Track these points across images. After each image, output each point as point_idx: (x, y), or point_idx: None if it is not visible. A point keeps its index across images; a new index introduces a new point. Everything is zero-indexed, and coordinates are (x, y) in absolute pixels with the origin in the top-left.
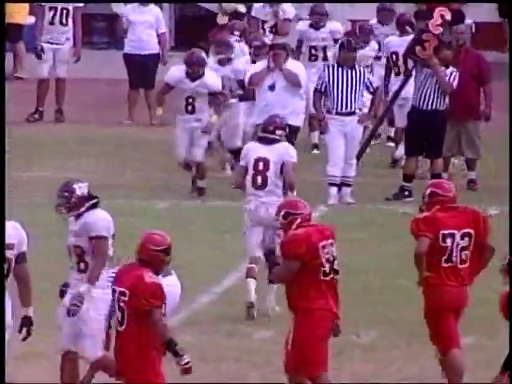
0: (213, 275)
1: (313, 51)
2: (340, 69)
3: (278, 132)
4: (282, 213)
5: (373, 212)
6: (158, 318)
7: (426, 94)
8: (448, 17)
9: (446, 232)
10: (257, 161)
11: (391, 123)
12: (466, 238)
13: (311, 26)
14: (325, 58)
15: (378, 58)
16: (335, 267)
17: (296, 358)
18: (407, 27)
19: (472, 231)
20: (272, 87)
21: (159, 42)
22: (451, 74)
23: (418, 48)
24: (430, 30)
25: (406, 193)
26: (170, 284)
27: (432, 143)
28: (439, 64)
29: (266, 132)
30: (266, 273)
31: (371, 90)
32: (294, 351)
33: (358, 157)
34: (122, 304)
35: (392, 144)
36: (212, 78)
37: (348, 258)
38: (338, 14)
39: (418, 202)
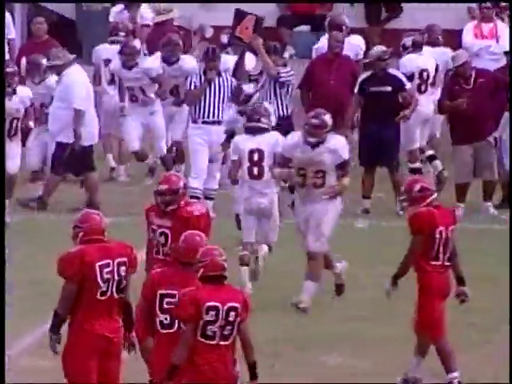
0: None
1: (131, 92)
2: (206, 77)
3: (264, 120)
4: (72, 225)
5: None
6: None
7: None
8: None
9: None
10: (251, 152)
11: None
12: None
13: (124, 65)
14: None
15: None
16: (121, 287)
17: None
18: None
19: None
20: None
21: (9, 49)
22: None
23: (238, 29)
24: (248, 12)
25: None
26: None
27: None
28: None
29: (252, 121)
30: None
31: None
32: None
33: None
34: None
35: None
36: None
37: None
38: (199, 18)
39: None
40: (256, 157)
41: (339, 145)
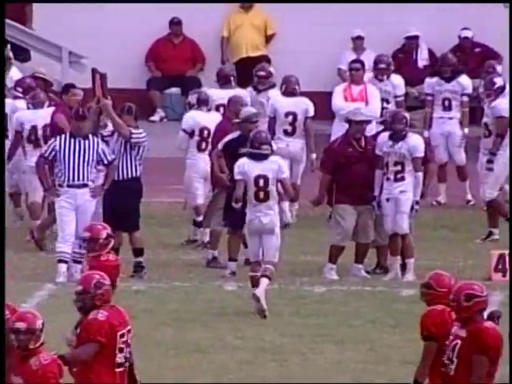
0: None
1: None
2: (72, 139)
3: (264, 147)
4: None
5: None
6: None
7: (121, 163)
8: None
9: None
10: (257, 178)
11: None
12: None
13: None
14: None
15: None
16: None
17: None
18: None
19: None
20: None
21: None
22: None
23: (96, 89)
24: (97, 71)
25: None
26: None
27: (124, 215)
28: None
29: (254, 148)
30: None
31: (106, 162)
32: None
33: None
34: None
35: None
36: None
37: None
38: (68, 80)
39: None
40: (261, 182)
41: None
